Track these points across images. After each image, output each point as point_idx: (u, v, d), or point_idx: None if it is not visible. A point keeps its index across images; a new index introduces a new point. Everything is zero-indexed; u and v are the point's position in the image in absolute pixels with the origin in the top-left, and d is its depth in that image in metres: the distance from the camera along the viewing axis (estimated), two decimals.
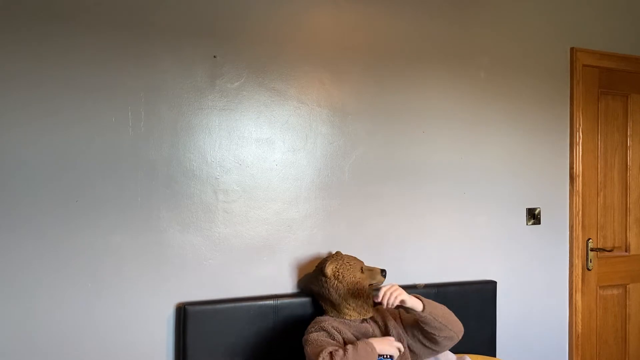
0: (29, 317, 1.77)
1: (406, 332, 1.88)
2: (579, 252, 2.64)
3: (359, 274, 1.91)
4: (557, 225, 2.61)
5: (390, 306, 1.69)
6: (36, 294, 1.77)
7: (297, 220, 2.11)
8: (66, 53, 1.80)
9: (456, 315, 2.25)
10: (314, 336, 1.76)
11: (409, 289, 2.20)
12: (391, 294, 1.69)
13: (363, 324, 1.88)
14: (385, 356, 1.68)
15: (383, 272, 1.95)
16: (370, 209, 2.23)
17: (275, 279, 2.08)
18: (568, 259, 2.64)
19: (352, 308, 1.88)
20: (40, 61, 1.77)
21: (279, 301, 2.00)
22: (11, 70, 1.74)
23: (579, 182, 2.64)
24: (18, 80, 1.75)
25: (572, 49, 2.64)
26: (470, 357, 2.07)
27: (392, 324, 1.89)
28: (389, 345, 1.71)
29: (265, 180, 2.07)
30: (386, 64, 2.26)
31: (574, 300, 2.62)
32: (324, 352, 1.62)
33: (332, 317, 1.89)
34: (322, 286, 1.91)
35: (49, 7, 1.78)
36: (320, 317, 1.91)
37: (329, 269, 1.90)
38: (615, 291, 2.78)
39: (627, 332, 2.81)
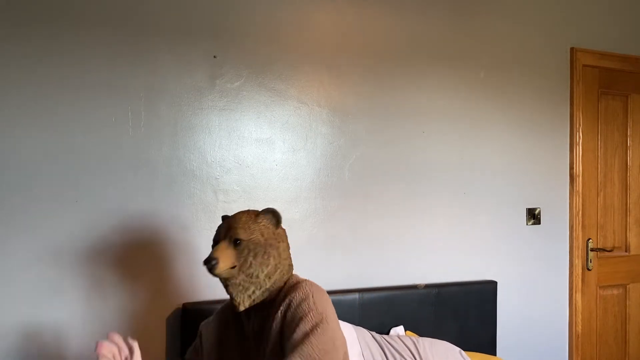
0: (29, 317, 1.77)
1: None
2: (579, 252, 2.64)
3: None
4: (557, 225, 2.61)
5: None
6: (36, 295, 1.77)
7: (297, 220, 2.11)
8: (66, 53, 1.80)
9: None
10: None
11: (409, 289, 2.20)
12: None
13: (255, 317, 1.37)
14: None
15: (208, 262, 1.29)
16: (371, 209, 2.23)
17: None
18: (568, 259, 2.64)
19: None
20: (40, 61, 1.77)
21: None
22: (11, 70, 1.74)
23: (579, 182, 2.64)
24: (17, 80, 1.75)
25: (572, 49, 2.64)
26: (470, 355, 2.07)
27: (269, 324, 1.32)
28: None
29: (265, 180, 2.07)
30: (386, 64, 2.26)
31: (574, 300, 2.62)
32: None
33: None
34: None
35: (49, 6, 1.78)
36: None
37: None
38: (615, 291, 2.78)
39: (627, 332, 2.81)
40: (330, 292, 2.08)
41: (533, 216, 2.56)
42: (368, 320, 2.11)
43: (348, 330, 1.97)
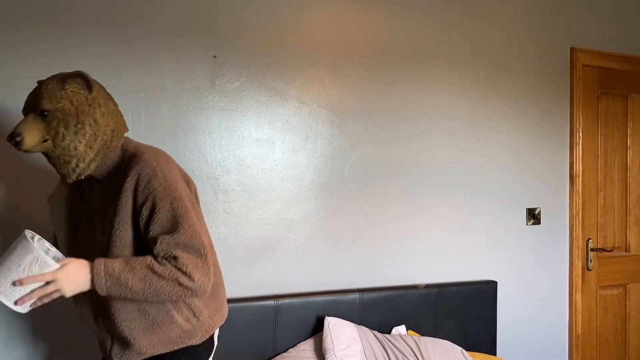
0: (27, 318, 1.77)
1: None
2: (579, 252, 2.64)
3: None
4: (557, 225, 2.61)
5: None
6: None
7: (297, 220, 2.11)
8: (65, 53, 1.80)
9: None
10: None
11: (409, 289, 2.20)
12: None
13: None
14: None
15: None
16: (371, 209, 2.23)
17: (276, 279, 2.08)
18: (568, 259, 2.64)
19: None
20: (39, 62, 1.77)
21: (280, 301, 2.00)
22: (10, 70, 1.74)
23: (579, 182, 2.64)
24: (17, 80, 1.75)
25: (572, 49, 2.64)
26: (470, 355, 2.07)
27: None
28: None
29: (265, 180, 2.07)
30: (386, 64, 2.26)
31: (574, 300, 2.62)
32: None
33: None
34: None
35: (49, 7, 1.78)
36: None
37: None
38: (615, 291, 2.78)
39: (627, 332, 2.81)
40: (330, 292, 2.08)
41: (533, 216, 2.56)
42: (368, 320, 2.11)
43: (350, 328, 1.97)
